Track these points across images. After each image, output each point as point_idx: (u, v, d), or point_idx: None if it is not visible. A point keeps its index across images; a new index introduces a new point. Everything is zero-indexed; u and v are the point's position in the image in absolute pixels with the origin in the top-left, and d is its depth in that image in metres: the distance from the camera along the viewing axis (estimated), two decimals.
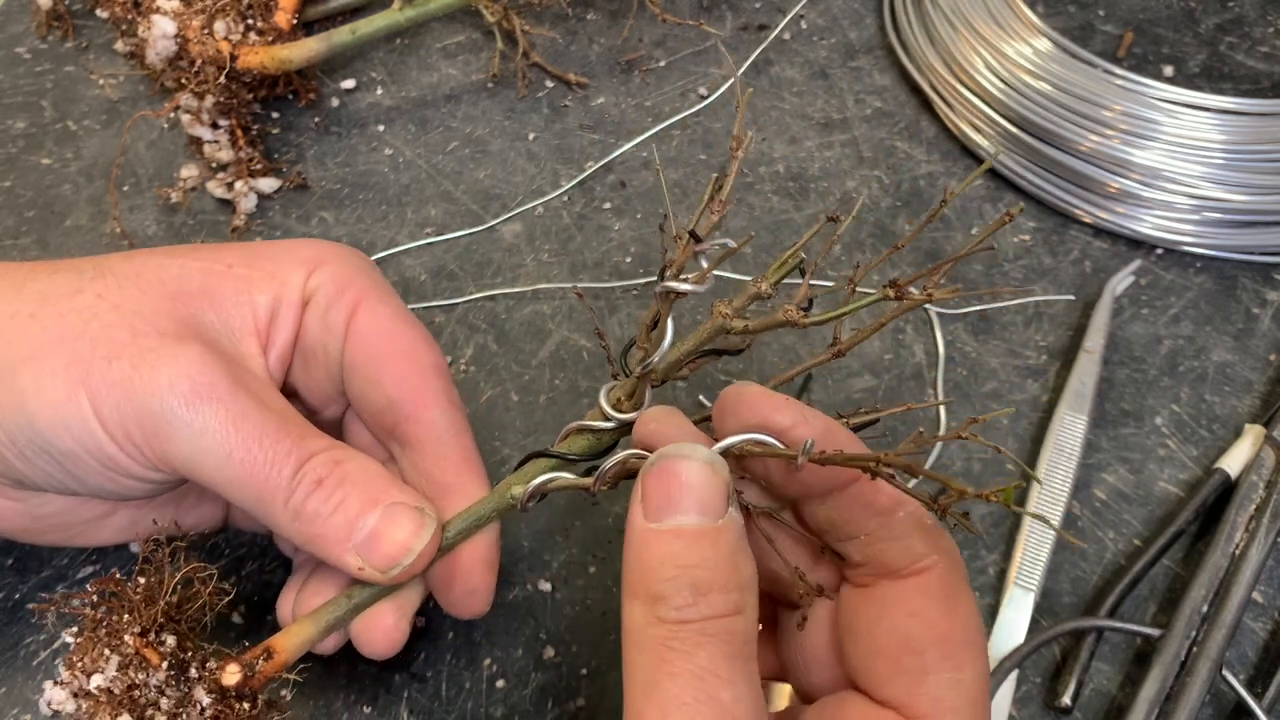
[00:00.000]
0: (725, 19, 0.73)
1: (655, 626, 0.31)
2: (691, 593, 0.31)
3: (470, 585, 0.42)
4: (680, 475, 0.33)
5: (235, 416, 0.38)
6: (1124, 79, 0.62)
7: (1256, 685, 0.47)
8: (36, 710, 0.46)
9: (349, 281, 0.43)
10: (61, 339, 0.38)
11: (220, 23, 0.62)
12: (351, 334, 0.42)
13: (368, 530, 0.38)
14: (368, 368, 0.42)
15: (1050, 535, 0.50)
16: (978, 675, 0.32)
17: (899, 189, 0.64)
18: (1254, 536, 0.49)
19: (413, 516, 0.39)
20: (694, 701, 0.29)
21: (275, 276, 0.42)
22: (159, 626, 0.37)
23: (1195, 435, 0.55)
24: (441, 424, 0.42)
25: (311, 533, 0.39)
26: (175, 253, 0.43)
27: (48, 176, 0.65)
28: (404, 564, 0.39)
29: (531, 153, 0.66)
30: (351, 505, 0.39)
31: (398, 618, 0.41)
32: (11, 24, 0.73)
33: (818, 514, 0.35)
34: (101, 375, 0.38)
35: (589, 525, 0.52)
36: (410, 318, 0.44)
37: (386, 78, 0.70)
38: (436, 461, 0.42)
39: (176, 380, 0.38)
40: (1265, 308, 0.59)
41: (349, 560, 0.39)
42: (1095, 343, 0.56)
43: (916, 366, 0.57)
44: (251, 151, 0.63)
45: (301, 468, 0.38)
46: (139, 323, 0.39)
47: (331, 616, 0.39)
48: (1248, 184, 0.59)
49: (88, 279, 0.40)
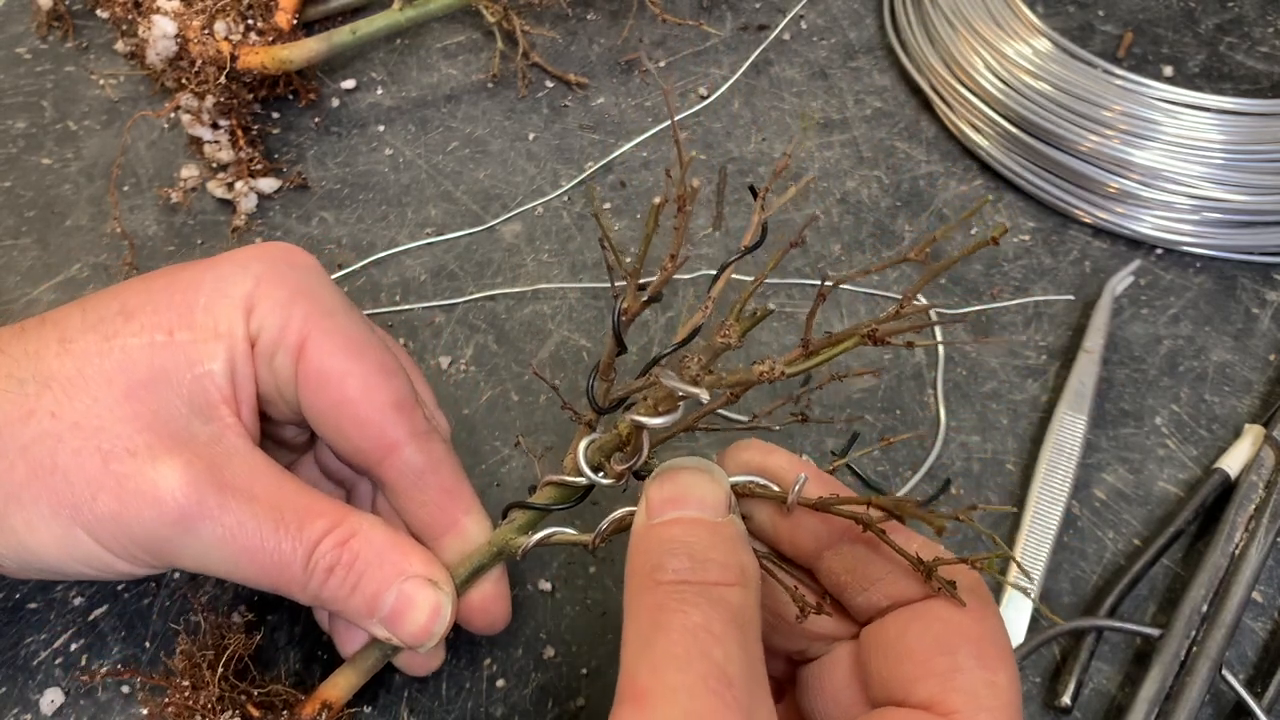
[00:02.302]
0: (725, 19, 0.73)
1: (651, 591, 0.31)
2: (688, 558, 0.31)
3: (489, 619, 0.43)
4: (678, 479, 0.34)
5: (231, 529, 0.38)
6: (1124, 79, 0.62)
7: (1256, 685, 0.47)
8: (37, 710, 0.46)
9: (290, 315, 0.40)
10: (34, 476, 0.37)
11: (220, 23, 0.62)
12: (302, 383, 0.40)
13: (389, 608, 0.39)
14: (325, 419, 0.41)
15: (1049, 536, 0.50)
16: (1011, 680, 0.31)
17: (899, 189, 0.64)
18: (1254, 536, 0.49)
19: (429, 595, 0.39)
20: (684, 654, 0.29)
21: (219, 334, 0.39)
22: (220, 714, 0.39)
23: (1195, 435, 0.55)
24: (415, 464, 0.41)
25: (334, 609, 0.40)
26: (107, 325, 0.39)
27: (48, 176, 0.65)
28: (429, 645, 0.40)
29: (531, 153, 0.66)
30: (368, 586, 0.39)
31: (434, 650, 0.43)
32: (11, 24, 0.73)
33: (834, 565, 0.35)
34: (90, 512, 0.37)
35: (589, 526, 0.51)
36: (363, 342, 0.41)
37: (386, 78, 0.70)
38: (420, 505, 0.42)
39: (164, 510, 0.37)
40: (1265, 308, 0.59)
41: (376, 631, 0.40)
42: (1095, 343, 0.56)
43: (916, 366, 0.57)
44: (252, 151, 0.63)
45: (310, 559, 0.39)
46: (105, 443, 0.37)
47: (369, 663, 0.42)
48: (1248, 184, 0.59)
49: (33, 395, 0.38)
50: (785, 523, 0.36)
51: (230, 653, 0.41)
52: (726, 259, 0.36)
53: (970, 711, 0.30)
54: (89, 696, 0.46)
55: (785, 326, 0.58)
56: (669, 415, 0.34)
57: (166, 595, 0.49)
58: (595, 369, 0.38)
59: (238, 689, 0.40)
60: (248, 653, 0.41)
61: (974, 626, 0.32)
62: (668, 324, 0.58)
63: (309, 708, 0.40)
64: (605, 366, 0.38)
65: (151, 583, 0.49)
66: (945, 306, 0.59)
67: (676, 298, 0.60)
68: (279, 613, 0.48)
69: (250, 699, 0.40)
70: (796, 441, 0.54)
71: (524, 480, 0.53)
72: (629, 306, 0.36)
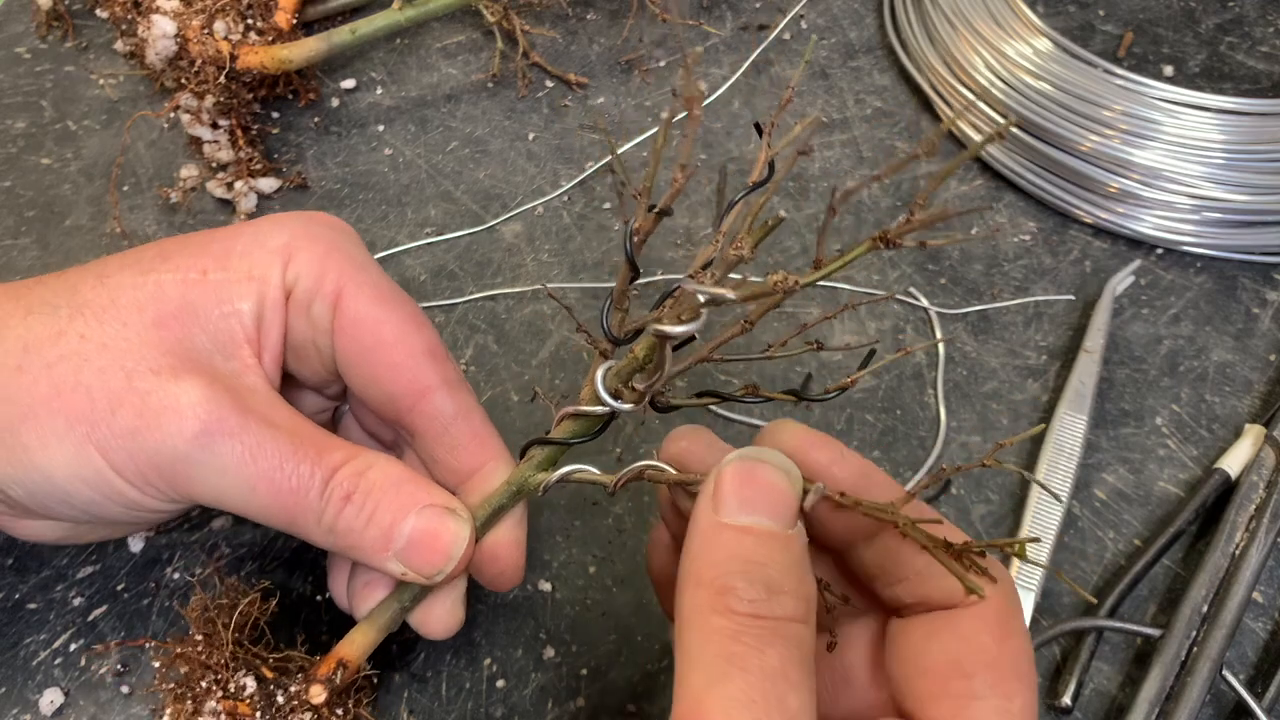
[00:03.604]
0: (725, 19, 0.73)
1: (723, 617, 0.30)
2: (765, 589, 0.30)
3: (500, 567, 0.42)
4: (759, 476, 0.32)
5: (250, 449, 0.37)
6: (1124, 79, 0.62)
7: (1256, 685, 0.47)
8: (36, 710, 0.46)
9: (326, 267, 0.41)
10: (56, 392, 0.37)
11: (220, 23, 0.62)
12: (338, 330, 0.41)
13: (404, 539, 0.39)
14: (360, 364, 0.41)
15: (1050, 536, 0.50)
16: (1025, 707, 0.31)
17: (899, 189, 0.64)
18: (1254, 536, 0.49)
19: (446, 521, 0.39)
20: (763, 701, 0.28)
21: (252, 277, 0.40)
22: (234, 672, 0.39)
23: (1195, 435, 0.55)
24: (446, 410, 0.42)
25: (348, 544, 0.39)
26: (145, 263, 0.40)
27: (48, 176, 0.65)
28: (445, 570, 0.39)
29: (531, 153, 0.66)
30: (384, 515, 0.39)
31: (453, 602, 0.42)
32: (11, 24, 0.73)
33: (865, 557, 0.34)
34: (108, 428, 0.37)
35: (589, 525, 0.52)
36: (396, 296, 0.42)
37: (386, 78, 0.70)
38: (450, 450, 0.42)
39: (184, 424, 0.37)
40: (1265, 308, 0.59)
41: (391, 567, 0.39)
42: (1095, 343, 0.56)
43: (916, 367, 0.57)
44: (251, 151, 0.63)
45: (327, 486, 0.38)
46: (130, 363, 0.38)
47: (386, 619, 0.40)
48: (1248, 184, 0.59)
49: (65, 318, 0.39)
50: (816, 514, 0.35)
51: (245, 613, 0.40)
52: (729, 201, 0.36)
53: None
54: (89, 696, 0.46)
55: (786, 325, 0.58)
56: (692, 323, 0.33)
57: (166, 595, 0.49)
58: (610, 299, 0.37)
59: (251, 651, 0.40)
60: (264, 618, 0.41)
61: (995, 649, 0.31)
62: None
63: (324, 667, 0.39)
64: (619, 294, 0.37)
65: (151, 583, 0.49)
66: (946, 306, 0.59)
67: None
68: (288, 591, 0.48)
69: (264, 662, 0.40)
70: None
71: None
72: (640, 225, 0.35)
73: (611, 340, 0.37)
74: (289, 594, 0.49)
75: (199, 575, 0.48)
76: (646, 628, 0.49)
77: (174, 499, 0.39)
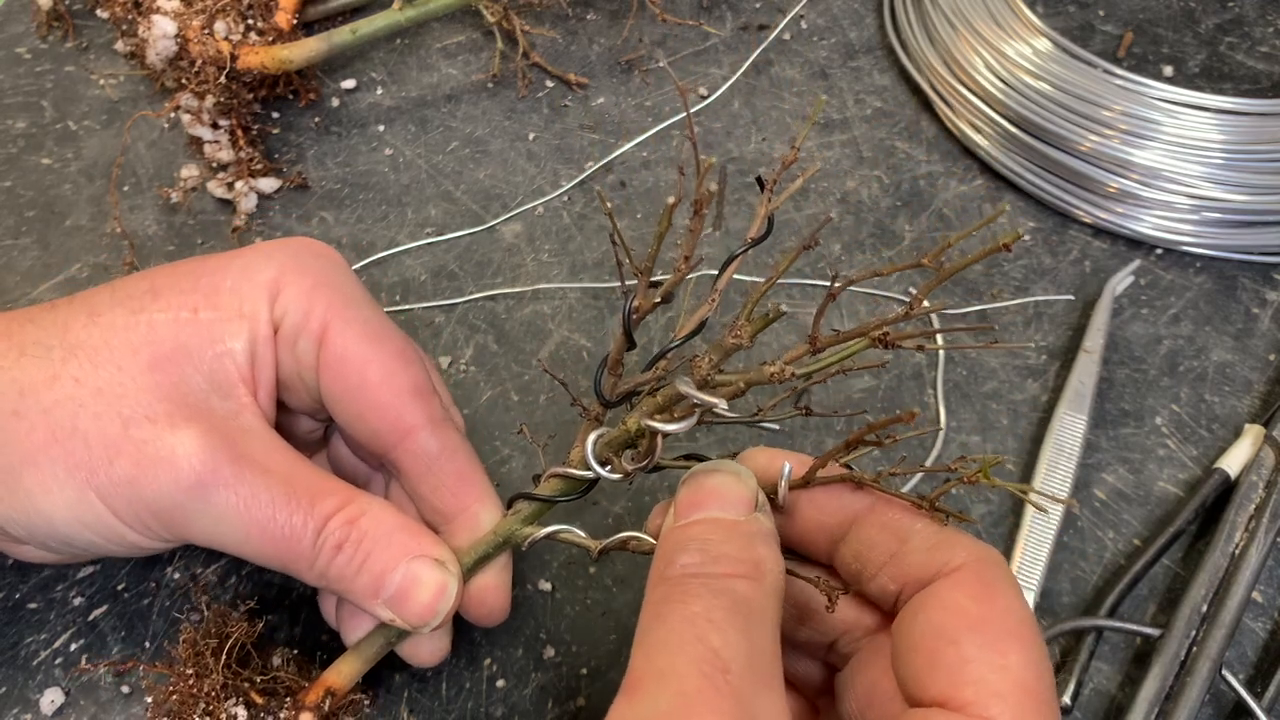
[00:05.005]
0: (725, 19, 0.73)
1: (658, 585, 0.31)
2: (700, 553, 0.31)
3: (486, 609, 0.43)
4: (706, 484, 0.34)
5: (245, 499, 0.38)
6: (1124, 79, 0.62)
7: (1256, 685, 0.47)
8: (37, 710, 0.46)
9: (313, 302, 0.41)
10: (54, 438, 0.38)
11: (220, 23, 0.62)
12: (323, 367, 0.41)
13: (394, 588, 0.39)
14: (344, 402, 0.41)
15: (1050, 535, 0.50)
16: (1028, 662, 0.30)
17: (899, 189, 0.64)
18: (1254, 536, 0.49)
19: (435, 575, 0.40)
20: (677, 641, 0.29)
21: (243, 314, 0.40)
22: (224, 701, 0.39)
23: (1195, 435, 0.55)
24: (430, 449, 0.42)
25: (340, 589, 0.40)
26: (135, 300, 0.40)
27: (48, 176, 0.65)
28: (433, 624, 0.40)
29: (531, 153, 0.66)
30: (375, 564, 0.39)
31: (439, 636, 0.43)
32: (11, 24, 0.73)
33: (846, 557, 0.35)
34: (106, 476, 0.37)
35: (589, 526, 0.52)
36: (383, 330, 0.42)
37: (386, 78, 0.70)
38: (433, 489, 0.42)
39: (180, 475, 0.37)
40: (1265, 308, 0.59)
41: (380, 613, 0.40)
42: (1095, 343, 0.56)
43: (916, 367, 0.57)
44: (252, 151, 0.63)
45: (319, 535, 0.39)
46: (126, 409, 0.38)
47: (372, 651, 0.41)
48: (1247, 184, 0.59)
49: (59, 360, 0.39)
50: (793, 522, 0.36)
51: (233, 640, 0.41)
52: (729, 255, 0.36)
53: (982, 700, 0.29)
54: (89, 696, 0.46)
55: (785, 326, 0.58)
56: (685, 421, 0.34)
57: (166, 595, 0.49)
58: (603, 363, 0.38)
59: (240, 676, 0.40)
60: (250, 640, 0.41)
61: (977, 609, 0.31)
62: (668, 322, 0.58)
63: (312, 694, 0.40)
64: (614, 361, 0.38)
65: (151, 583, 0.49)
66: (946, 307, 0.59)
67: (675, 297, 0.59)
68: (279, 612, 0.48)
69: (253, 686, 0.40)
70: (797, 441, 0.54)
71: (523, 480, 0.53)
72: (640, 304, 0.36)
73: (603, 403, 0.38)
74: (288, 594, 0.49)
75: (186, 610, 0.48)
76: None
77: (171, 540, 0.40)
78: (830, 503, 0.35)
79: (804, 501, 0.36)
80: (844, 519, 0.35)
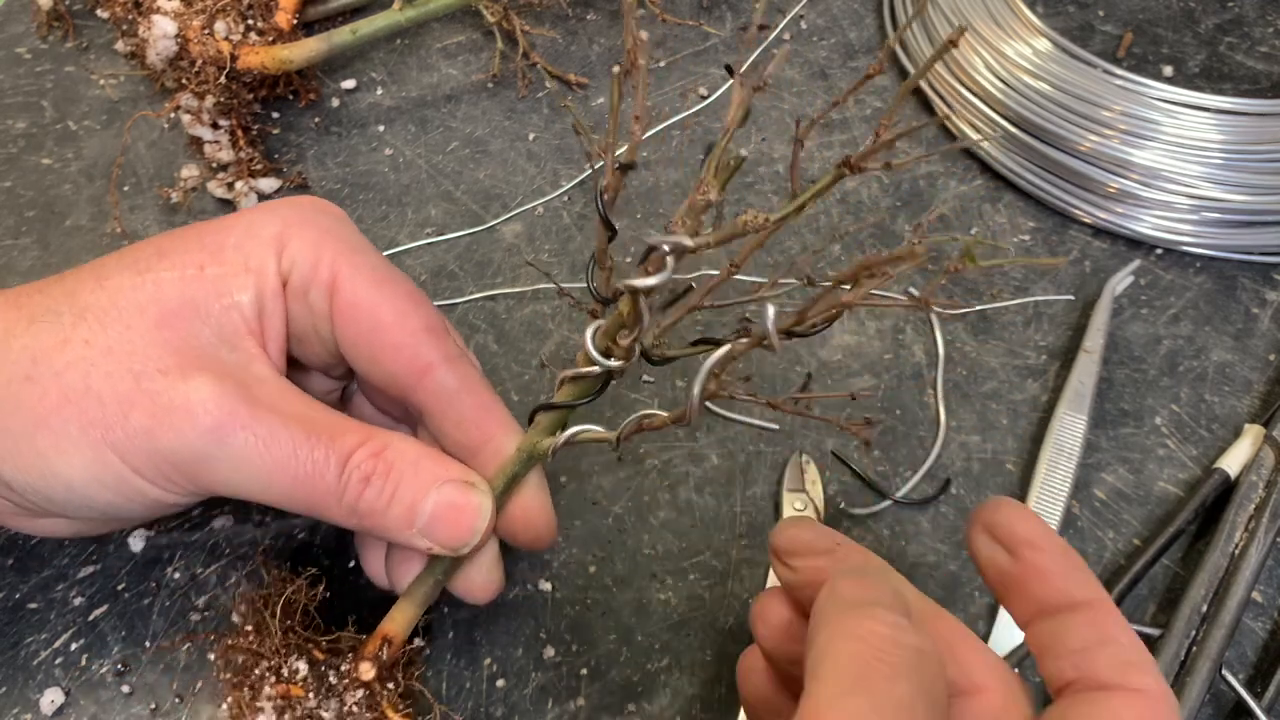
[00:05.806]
0: (725, 19, 0.73)
1: (858, 639, 0.29)
2: (906, 614, 0.30)
3: (535, 530, 0.43)
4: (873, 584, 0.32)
5: (264, 439, 0.38)
6: (1124, 79, 0.62)
7: (1256, 685, 0.47)
8: (37, 710, 0.46)
9: (320, 253, 0.41)
10: (66, 399, 0.38)
11: (220, 23, 0.62)
12: (336, 315, 0.42)
13: (427, 515, 0.39)
14: (360, 347, 0.42)
15: None
16: None
17: (899, 189, 0.64)
18: (1253, 536, 0.49)
19: (467, 495, 0.40)
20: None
21: (249, 268, 0.41)
22: (286, 658, 0.40)
23: (1195, 435, 0.55)
24: (449, 385, 0.42)
25: (372, 524, 0.40)
26: (142, 262, 0.41)
27: (48, 176, 0.65)
28: (471, 543, 0.40)
29: (531, 153, 0.66)
30: (405, 494, 0.39)
31: (489, 565, 0.43)
32: (11, 24, 0.73)
33: (1041, 632, 0.34)
34: (122, 430, 0.37)
35: (589, 525, 0.52)
36: (392, 276, 0.43)
37: (386, 78, 0.70)
38: (456, 424, 0.42)
39: (197, 421, 0.37)
40: (1265, 308, 0.59)
41: (418, 543, 0.40)
42: (1095, 343, 0.56)
43: (916, 366, 0.57)
44: (252, 151, 0.63)
45: (344, 468, 0.39)
46: (137, 365, 0.38)
47: (423, 592, 0.42)
48: (1247, 184, 0.59)
49: (68, 325, 0.39)
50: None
51: (293, 600, 0.41)
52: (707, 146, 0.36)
53: None
54: (89, 696, 0.46)
55: None
56: (659, 274, 0.33)
57: (166, 595, 0.49)
58: (592, 259, 0.38)
59: (303, 636, 0.41)
60: (313, 604, 0.42)
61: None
62: None
63: (370, 645, 0.40)
64: (600, 253, 0.37)
65: (151, 583, 0.49)
66: (945, 307, 0.59)
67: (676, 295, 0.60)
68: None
69: (316, 645, 0.41)
70: (796, 441, 0.54)
71: None
72: (609, 183, 0.35)
73: (599, 300, 0.38)
74: None
75: (246, 569, 0.49)
76: (646, 628, 0.49)
77: (194, 492, 0.40)
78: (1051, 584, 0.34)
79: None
80: (1058, 601, 0.33)
